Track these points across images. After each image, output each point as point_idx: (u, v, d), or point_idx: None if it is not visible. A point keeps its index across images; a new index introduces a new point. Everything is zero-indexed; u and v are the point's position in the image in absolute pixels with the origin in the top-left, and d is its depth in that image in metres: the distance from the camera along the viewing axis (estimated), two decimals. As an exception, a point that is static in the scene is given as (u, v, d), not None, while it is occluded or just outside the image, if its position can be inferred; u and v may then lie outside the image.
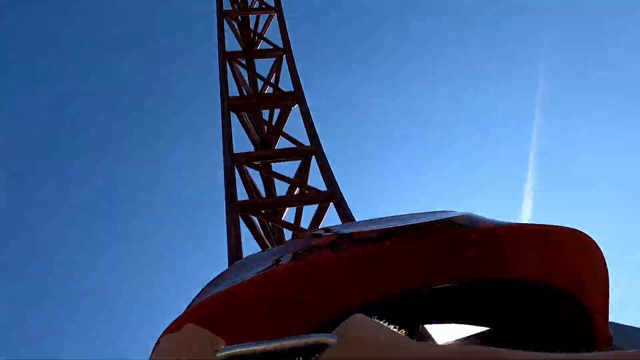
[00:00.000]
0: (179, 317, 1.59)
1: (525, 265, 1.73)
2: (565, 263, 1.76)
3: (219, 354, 1.08)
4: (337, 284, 1.65)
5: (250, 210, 9.10)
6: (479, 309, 1.87)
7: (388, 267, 1.66)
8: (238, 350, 1.05)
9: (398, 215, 2.09)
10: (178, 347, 1.10)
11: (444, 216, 1.83)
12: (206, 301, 1.65)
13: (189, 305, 1.80)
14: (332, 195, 8.99)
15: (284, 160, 9.60)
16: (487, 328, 1.93)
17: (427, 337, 1.71)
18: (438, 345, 0.97)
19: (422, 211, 2.08)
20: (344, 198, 8.77)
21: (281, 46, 11.90)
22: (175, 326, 1.48)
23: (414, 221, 1.84)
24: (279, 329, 1.20)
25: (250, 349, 1.05)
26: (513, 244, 1.74)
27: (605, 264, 1.80)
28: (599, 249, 1.77)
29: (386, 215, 2.12)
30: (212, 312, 1.58)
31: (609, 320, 1.88)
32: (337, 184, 9.06)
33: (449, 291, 1.72)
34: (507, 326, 1.87)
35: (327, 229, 2.26)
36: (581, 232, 1.73)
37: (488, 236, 1.74)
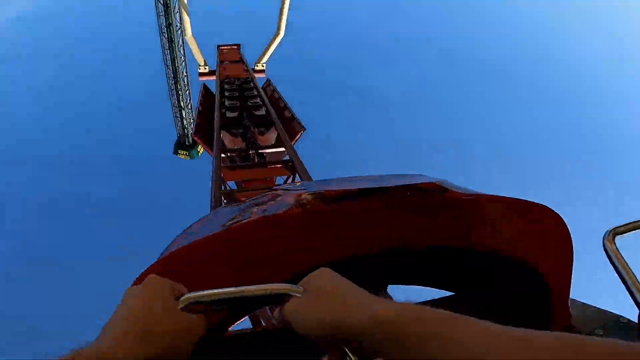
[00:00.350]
0: (146, 269, 1.62)
1: (490, 236, 1.82)
2: (531, 236, 1.83)
3: (182, 301, 1.15)
4: (304, 241, 1.72)
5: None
6: (442, 274, 1.98)
7: (355, 226, 1.73)
8: (197, 294, 1.15)
9: (372, 176, 2.18)
10: (141, 294, 1.16)
11: (416, 181, 1.92)
12: (171, 254, 1.67)
13: (160, 256, 1.86)
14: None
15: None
16: (450, 293, 2.04)
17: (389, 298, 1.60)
18: (395, 301, 1.04)
19: (400, 173, 2.19)
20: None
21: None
22: (140, 279, 1.52)
23: (385, 183, 1.90)
24: (242, 283, 1.20)
25: (212, 293, 1.15)
26: (478, 214, 1.83)
27: (570, 241, 1.86)
28: (565, 225, 1.84)
29: (364, 175, 2.23)
30: (177, 264, 1.59)
31: (570, 298, 1.95)
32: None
33: (414, 254, 1.81)
34: (469, 293, 1.99)
35: (299, 186, 2.36)
36: (548, 207, 1.81)
37: (453, 204, 1.81)
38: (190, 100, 31.03)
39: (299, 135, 9.55)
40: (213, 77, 16.83)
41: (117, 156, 42.90)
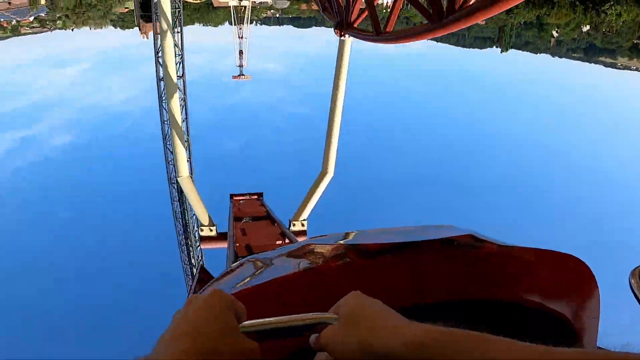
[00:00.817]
0: None
1: (521, 288, 1.80)
2: (561, 288, 1.82)
3: (242, 327, 1.19)
4: (340, 293, 1.68)
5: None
6: (469, 324, 1.76)
7: (390, 281, 1.76)
8: (258, 321, 1.22)
9: (405, 228, 2.31)
10: (205, 307, 1.14)
11: (448, 234, 1.92)
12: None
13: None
14: None
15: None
16: None
17: None
18: (424, 324, 1.09)
19: (432, 224, 2.24)
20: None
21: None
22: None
23: (419, 237, 1.93)
24: None
25: (267, 322, 1.23)
26: (510, 266, 1.84)
27: (597, 292, 1.84)
28: (594, 277, 1.82)
29: (396, 227, 2.34)
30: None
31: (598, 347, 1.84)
32: None
33: (446, 307, 1.79)
34: None
35: (335, 238, 2.28)
36: (577, 258, 1.79)
37: (486, 257, 1.83)
38: (202, 256, 27.25)
39: None
40: (222, 245, 12.48)
41: (124, 318, 39.33)
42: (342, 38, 13.65)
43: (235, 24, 60.83)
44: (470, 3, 7.07)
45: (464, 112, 63.38)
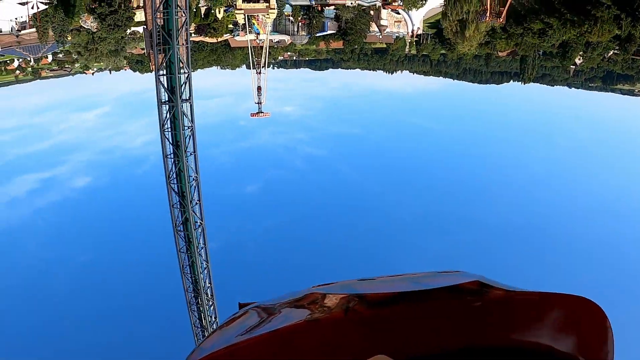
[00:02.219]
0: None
1: (532, 333, 1.76)
2: (572, 330, 1.79)
3: None
4: (347, 346, 1.69)
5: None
6: None
7: (397, 331, 1.71)
8: None
9: (412, 274, 2.19)
10: None
11: (455, 281, 1.87)
12: (218, 353, 1.67)
13: (202, 348, 1.87)
14: None
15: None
16: None
17: None
18: None
19: (439, 270, 2.16)
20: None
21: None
22: None
23: (426, 285, 1.89)
24: None
25: None
26: (520, 312, 1.79)
27: (610, 332, 1.79)
28: (606, 317, 1.78)
29: (400, 274, 2.22)
30: None
31: None
32: None
33: (457, 355, 1.74)
34: None
35: (341, 287, 2.17)
36: (588, 300, 1.76)
37: (494, 303, 1.80)
38: (216, 317, 22.15)
39: None
40: None
41: None
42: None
43: (253, 66, 58.52)
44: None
45: (481, 151, 61.95)
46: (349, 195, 55.35)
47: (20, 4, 52.17)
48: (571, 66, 67.38)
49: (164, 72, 17.12)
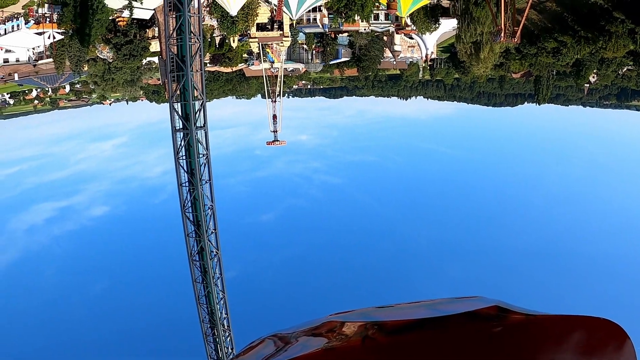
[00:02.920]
0: None
1: (555, 357, 1.73)
2: (596, 354, 1.76)
3: None
4: None
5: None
6: None
7: (414, 358, 1.70)
8: None
9: (430, 301, 2.15)
10: None
11: (474, 306, 1.85)
12: None
13: None
14: None
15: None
16: None
17: None
18: None
19: (458, 296, 2.12)
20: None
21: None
22: None
23: (443, 311, 1.86)
24: None
25: None
26: (540, 336, 1.75)
27: (634, 356, 1.78)
28: (630, 341, 1.77)
29: (419, 300, 2.17)
30: None
31: None
32: None
33: None
34: None
35: (358, 315, 2.13)
36: (612, 322, 1.74)
37: (513, 329, 1.77)
38: (232, 349, 21.39)
39: None
40: None
41: None
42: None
43: (268, 95, 58.97)
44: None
45: (497, 175, 61.88)
46: (366, 222, 55.00)
47: (37, 33, 53.36)
48: (585, 85, 66.99)
49: (178, 100, 16.84)
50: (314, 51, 65.89)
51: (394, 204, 54.92)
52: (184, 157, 17.15)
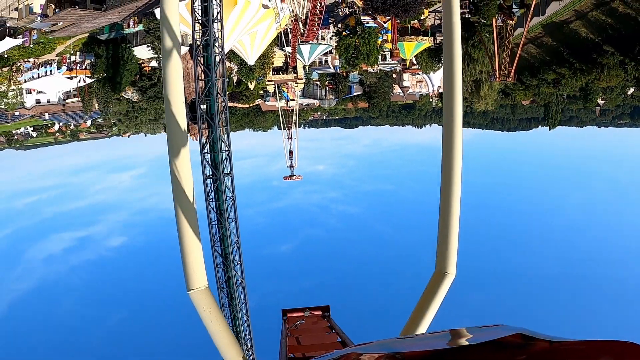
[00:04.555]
0: None
1: None
2: None
3: None
4: None
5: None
6: None
7: None
8: None
9: (452, 331, 2.08)
10: None
11: (497, 335, 1.81)
12: None
13: None
14: None
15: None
16: None
17: None
18: None
19: (480, 325, 2.11)
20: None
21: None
22: None
23: (464, 340, 1.85)
24: None
25: None
26: None
27: None
28: None
29: (440, 330, 2.14)
30: None
31: None
32: None
33: None
34: None
35: (376, 346, 2.12)
36: (636, 345, 1.67)
37: (540, 356, 1.72)
38: (253, 352, 24.34)
39: None
40: None
41: None
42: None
43: (283, 128, 61.76)
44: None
45: (515, 198, 61.84)
46: (384, 250, 56.24)
47: (68, 78, 57.47)
48: (596, 106, 68.77)
49: (207, 150, 20.39)
50: (327, 88, 69.12)
51: (411, 231, 56.42)
52: (212, 200, 20.57)
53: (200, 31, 20.48)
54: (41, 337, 40.99)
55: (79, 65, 57.08)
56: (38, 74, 57.57)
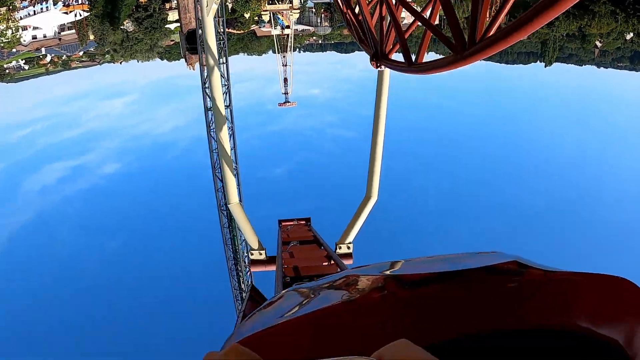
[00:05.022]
0: (231, 341, 1.68)
1: (569, 314, 1.71)
2: (611, 313, 1.70)
3: None
4: (383, 328, 1.65)
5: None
6: (519, 353, 1.80)
7: (434, 312, 1.69)
8: None
9: (447, 256, 2.15)
10: None
11: (493, 261, 1.84)
12: (253, 337, 1.67)
13: (240, 331, 1.87)
14: None
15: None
16: None
17: None
18: None
19: (475, 251, 2.11)
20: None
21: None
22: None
23: (462, 265, 1.85)
24: None
25: None
26: (558, 293, 1.74)
27: None
28: None
29: (437, 255, 2.18)
30: (258, 347, 1.47)
31: None
32: None
33: (493, 337, 1.69)
34: None
35: (376, 268, 2.20)
36: (629, 281, 1.69)
37: (532, 284, 1.76)
38: (252, 280, 27.36)
39: None
40: (272, 267, 12.74)
41: (175, 343, 40.96)
42: (379, 69, 13.76)
43: (278, 52, 61.97)
44: (491, 34, 6.98)
45: (511, 131, 61.57)
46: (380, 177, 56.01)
47: (64, 13, 56.67)
48: (594, 48, 68.72)
49: (208, 85, 22.12)
50: (322, 15, 68.57)
51: (406, 158, 56.05)
52: (213, 130, 22.57)
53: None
54: (41, 269, 42.47)
55: (74, 0, 56.31)
56: (34, 10, 56.90)
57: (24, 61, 64.87)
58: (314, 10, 68.54)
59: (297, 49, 70.63)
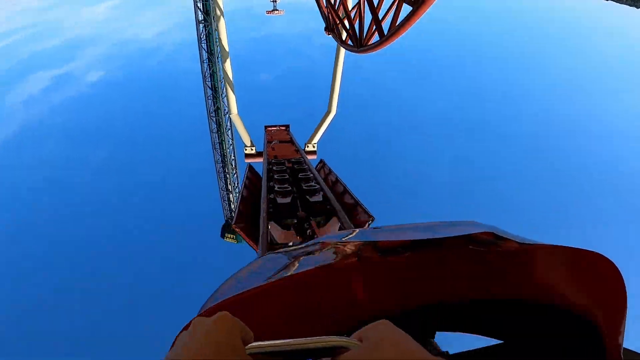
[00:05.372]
0: (210, 305, 1.67)
1: (543, 286, 1.75)
2: (583, 286, 1.77)
3: (249, 348, 1.12)
4: (358, 293, 1.68)
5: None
6: (491, 323, 1.92)
7: (409, 279, 1.72)
8: (267, 343, 1.15)
9: (424, 224, 2.15)
10: (213, 331, 1.10)
11: (469, 230, 1.86)
12: (228, 301, 1.67)
13: (216, 295, 1.90)
14: None
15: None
16: (499, 341, 1.96)
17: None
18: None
19: (452, 220, 2.12)
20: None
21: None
22: (207, 313, 1.49)
23: (439, 234, 1.85)
24: (296, 333, 1.22)
25: (277, 344, 1.15)
26: (531, 264, 1.77)
27: (623, 289, 1.76)
28: (619, 273, 1.75)
29: (416, 223, 2.20)
30: (233, 311, 1.42)
31: (624, 347, 1.83)
32: None
33: (465, 305, 1.75)
34: (519, 341, 1.90)
35: (352, 235, 2.22)
36: (601, 255, 1.72)
37: (506, 255, 1.78)
38: (237, 183, 30.19)
39: (366, 226, 7.22)
40: (260, 159, 16.09)
41: (163, 240, 43.04)
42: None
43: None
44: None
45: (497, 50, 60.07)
46: (367, 87, 55.15)
47: None
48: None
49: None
50: None
51: (391, 71, 55.36)
52: (204, 42, 24.36)
53: None
54: (28, 180, 42.85)
55: None
56: None
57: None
58: None
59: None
